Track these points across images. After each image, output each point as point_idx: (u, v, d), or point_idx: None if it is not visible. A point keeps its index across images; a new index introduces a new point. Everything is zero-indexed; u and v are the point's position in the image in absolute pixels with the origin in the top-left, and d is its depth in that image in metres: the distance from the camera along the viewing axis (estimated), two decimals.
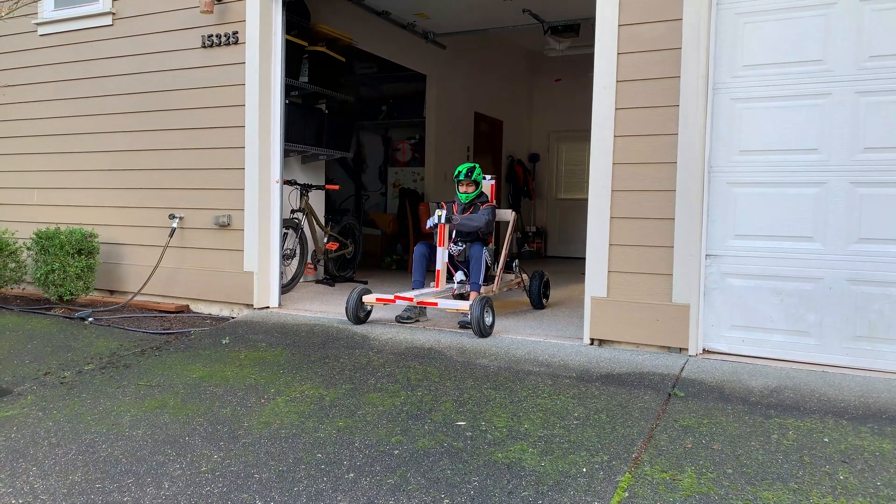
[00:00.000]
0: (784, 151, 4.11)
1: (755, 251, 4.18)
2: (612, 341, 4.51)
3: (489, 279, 5.68)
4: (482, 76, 10.32)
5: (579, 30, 8.21)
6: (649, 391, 3.65)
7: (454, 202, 5.78)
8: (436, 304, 4.82)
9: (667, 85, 4.28)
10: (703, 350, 4.32)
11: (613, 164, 4.43)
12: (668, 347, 4.34)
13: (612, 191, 4.44)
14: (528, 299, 6.09)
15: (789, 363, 4.09)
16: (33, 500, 2.69)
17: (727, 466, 2.81)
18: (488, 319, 4.76)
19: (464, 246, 5.56)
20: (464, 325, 4.94)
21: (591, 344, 4.55)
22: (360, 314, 5.06)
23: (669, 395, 3.61)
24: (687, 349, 4.28)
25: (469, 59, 9.92)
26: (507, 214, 5.95)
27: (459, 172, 5.65)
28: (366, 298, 5.02)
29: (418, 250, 5.55)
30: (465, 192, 5.67)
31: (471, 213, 5.65)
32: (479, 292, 5.33)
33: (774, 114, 4.12)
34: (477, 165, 5.73)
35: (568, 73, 11.11)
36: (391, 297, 4.90)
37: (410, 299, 4.83)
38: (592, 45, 4.51)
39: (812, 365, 4.04)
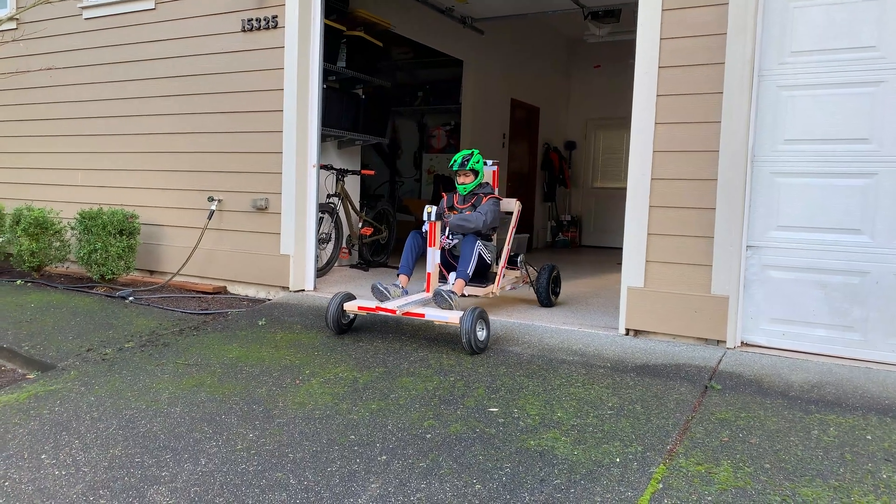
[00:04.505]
0: (832, 141, 3.98)
1: (798, 243, 4.08)
2: (649, 332, 4.45)
3: (489, 278, 5.12)
4: (519, 62, 10.23)
5: (620, 15, 8.06)
6: (685, 383, 3.60)
7: (455, 193, 5.21)
8: (423, 315, 4.22)
9: (711, 71, 4.18)
10: (742, 343, 4.24)
11: (654, 151, 4.35)
12: (706, 339, 4.27)
13: (652, 179, 4.36)
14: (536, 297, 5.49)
15: (831, 358, 3.99)
16: (76, 472, 2.77)
17: (765, 461, 2.76)
18: (481, 334, 4.13)
19: (457, 239, 4.97)
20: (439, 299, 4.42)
21: (627, 334, 4.49)
22: (341, 322, 4.49)
23: (706, 387, 3.55)
24: (725, 341, 4.20)
25: (506, 44, 9.83)
26: (511, 204, 5.36)
27: (455, 161, 5.07)
28: (347, 306, 4.43)
29: (412, 239, 4.97)
30: (464, 184, 5.08)
31: (471, 204, 5.09)
32: (465, 281, 4.76)
33: (823, 102, 4.00)
34: (475, 151, 5.11)
35: (607, 59, 10.94)
36: (373, 305, 4.37)
37: (393, 311, 4.27)
38: (634, 31, 4.42)
39: (856, 361, 3.94)
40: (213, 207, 6.05)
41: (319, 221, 6.09)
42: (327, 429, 3.10)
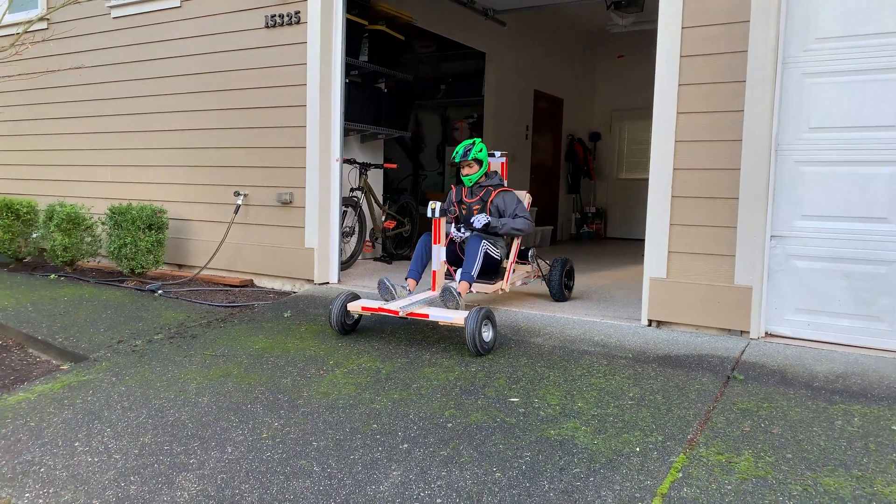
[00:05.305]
0: (858, 128, 3.92)
1: (823, 232, 4.03)
2: (671, 323, 4.43)
3: (500, 274, 4.95)
4: (542, 53, 10.18)
5: (643, 4, 7.99)
6: (707, 373, 3.59)
7: (462, 186, 5.07)
8: (427, 315, 4.09)
9: (733, 60, 4.13)
10: (766, 333, 4.21)
11: (676, 141, 4.32)
12: (729, 330, 4.24)
13: (674, 169, 4.34)
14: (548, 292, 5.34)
15: (857, 349, 3.94)
16: (108, 459, 2.85)
17: (786, 451, 2.75)
18: (487, 335, 3.97)
19: (468, 233, 4.84)
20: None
21: (649, 325, 4.48)
22: (346, 323, 4.38)
23: (728, 377, 3.53)
24: (748, 332, 4.17)
25: (529, 36, 9.79)
26: (521, 196, 5.18)
27: (456, 153, 4.92)
28: (350, 307, 4.32)
29: (423, 241, 4.81)
30: (468, 175, 4.94)
31: (480, 198, 4.95)
32: (469, 283, 4.61)
33: (848, 89, 3.94)
34: (477, 140, 4.96)
35: (631, 49, 10.84)
36: (377, 305, 4.26)
37: (396, 312, 4.13)
38: (657, 20, 4.39)
39: (882, 351, 3.88)
40: (239, 202, 6.14)
41: (343, 215, 6.15)
42: (350, 418, 3.15)
